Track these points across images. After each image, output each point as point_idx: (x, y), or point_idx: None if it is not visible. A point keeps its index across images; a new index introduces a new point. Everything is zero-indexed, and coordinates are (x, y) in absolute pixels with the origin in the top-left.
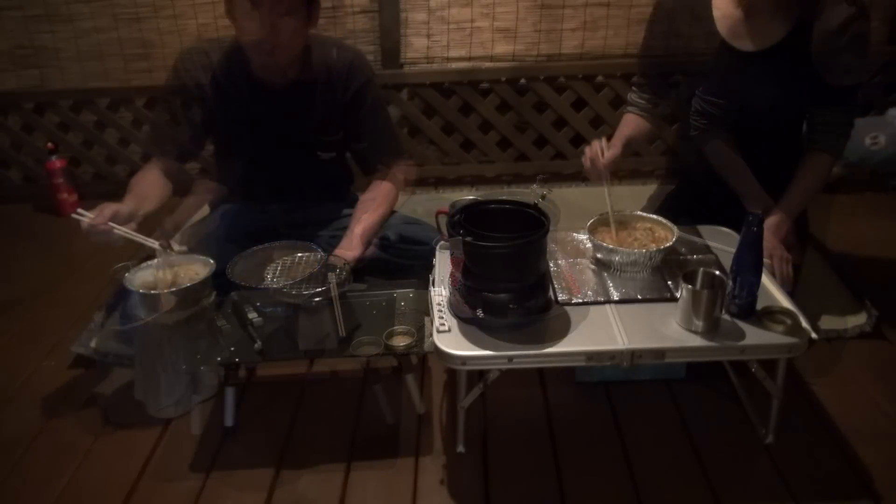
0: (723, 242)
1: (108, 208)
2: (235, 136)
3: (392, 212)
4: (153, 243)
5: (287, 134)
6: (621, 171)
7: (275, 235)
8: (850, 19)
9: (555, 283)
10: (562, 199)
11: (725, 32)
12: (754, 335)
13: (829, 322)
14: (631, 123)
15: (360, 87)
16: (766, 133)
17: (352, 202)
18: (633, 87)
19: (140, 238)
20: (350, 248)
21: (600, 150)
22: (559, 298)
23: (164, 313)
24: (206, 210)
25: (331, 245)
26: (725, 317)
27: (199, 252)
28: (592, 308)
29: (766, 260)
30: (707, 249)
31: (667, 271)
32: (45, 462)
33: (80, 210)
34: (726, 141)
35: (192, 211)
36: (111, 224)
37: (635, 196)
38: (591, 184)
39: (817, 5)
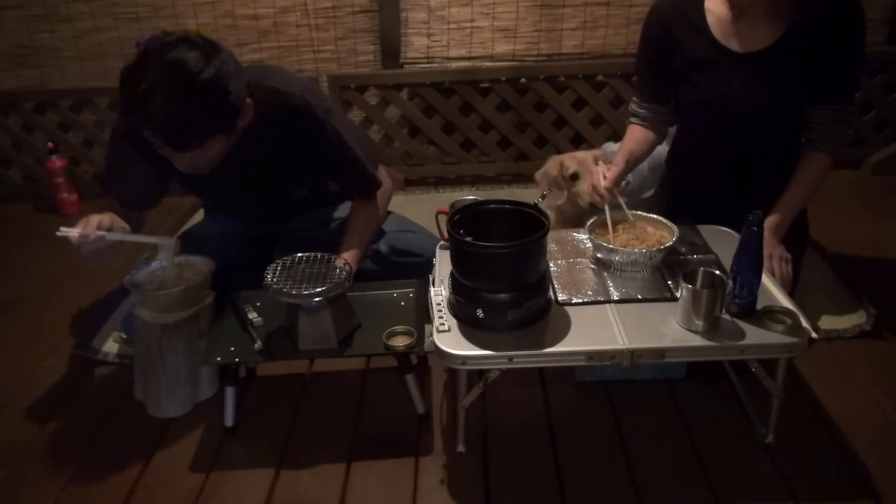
0: (723, 242)
1: (93, 218)
2: (195, 188)
3: (388, 213)
4: (152, 240)
5: (248, 185)
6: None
7: (272, 239)
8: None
9: (555, 283)
10: None
11: (719, 34)
12: (754, 335)
13: (828, 322)
14: (633, 136)
15: (311, 130)
16: (765, 133)
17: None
18: (634, 98)
19: (135, 238)
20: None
21: (602, 176)
22: (559, 298)
23: (165, 313)
24: (202, 213)
25: (329, 246)
26: (725, 316)
27: (197, 253)
28: (592, 308)
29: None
30: (707, 249)
31: (667, 271)
32: (45, 462)
33: (62, 228)
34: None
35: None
36: (100, 232)
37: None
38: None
39: (810, 6)
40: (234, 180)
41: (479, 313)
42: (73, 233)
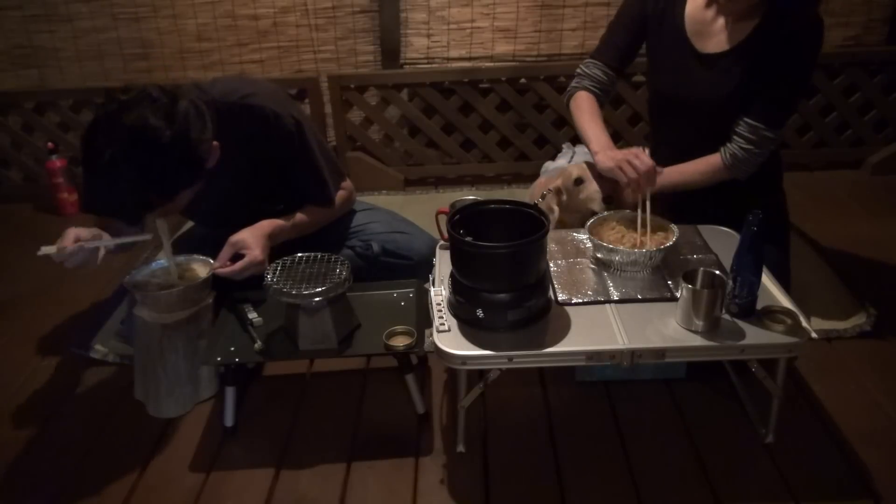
0: (723, 242)
1: (70, 231)
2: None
3: (378, 209)
4: (131, 239)
5: (230, 204)
6: None
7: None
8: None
9: (555, 283)
10: None
11: (689, 26)
12: (754, 335)
13: (828, 322)
14: (594, 105)
15: (280, 136)
16: (717, 132)
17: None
18: (593, 58)
19: (114, 241)
20: (255, 241)
21: (644, 162)
22: (559, 298)
23: (165, 313)
24: None
25: (329, 247)
26: (725, 316)
27: (196, 253)
28: (592, 308)
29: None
30: (707, 249)
31: (667, 271)
32: (45, 462)
33: (42, 248)
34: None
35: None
36: (80, 244)
37: None
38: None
39: (778, 17)
40: (217, 202)
41: (479, 313)
42: (52, 250)
